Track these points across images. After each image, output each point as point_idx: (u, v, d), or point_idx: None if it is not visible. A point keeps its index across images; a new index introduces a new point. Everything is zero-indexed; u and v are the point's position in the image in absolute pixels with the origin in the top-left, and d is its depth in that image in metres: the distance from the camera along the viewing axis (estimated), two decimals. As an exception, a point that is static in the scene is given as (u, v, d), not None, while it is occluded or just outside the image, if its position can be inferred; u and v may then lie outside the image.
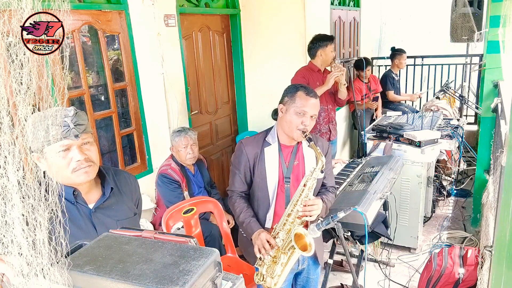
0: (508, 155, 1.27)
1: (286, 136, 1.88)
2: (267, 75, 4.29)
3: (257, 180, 1.89)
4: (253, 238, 1.83)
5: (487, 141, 3.52)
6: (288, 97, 1.85)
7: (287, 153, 1.91)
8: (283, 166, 1.89)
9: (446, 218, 3.87)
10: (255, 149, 1.88)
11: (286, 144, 1.91)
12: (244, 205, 1.90)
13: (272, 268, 1.75)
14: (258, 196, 1.91)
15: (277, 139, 1.90)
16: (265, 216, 1.91)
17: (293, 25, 4.13)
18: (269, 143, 1.89)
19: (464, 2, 4.64)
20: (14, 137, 0.71)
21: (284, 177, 1.88)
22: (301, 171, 1.91)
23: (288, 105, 1.83)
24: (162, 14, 3.14)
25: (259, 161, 1.87)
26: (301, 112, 1.80)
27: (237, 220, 1.94)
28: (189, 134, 2.86)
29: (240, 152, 1.90)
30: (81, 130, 1.24)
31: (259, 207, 1.92)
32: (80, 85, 2.71)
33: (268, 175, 1.87)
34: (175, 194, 2.79)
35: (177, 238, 0.98)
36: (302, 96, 1.81)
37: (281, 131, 1.90)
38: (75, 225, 1.29)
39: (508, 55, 2.94)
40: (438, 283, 2.57)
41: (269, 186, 1.87)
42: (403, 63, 5.37)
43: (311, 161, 1.92)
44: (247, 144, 1.90)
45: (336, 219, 1.76)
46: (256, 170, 1.88)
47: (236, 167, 1.92)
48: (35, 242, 0.73)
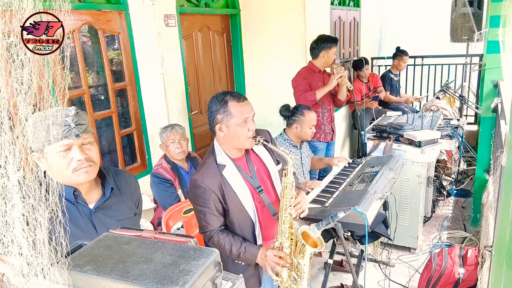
0: (508, 155, 1.28)
1: (236, 149, 1.77)
2: (267, 75, 4.29)
3: (232, 207, 1.75)
4: (260, 261, 1.74)
5: (487, 141, 3.52)
6: (220, 114, 1.69)
7: (243, 164, 1.80)
8: (248, 178, 1.78)
9: (446, 218, 3.87)
10: (215, 179, 1.71)
11: (237, 156, 1.80)
12: (229, 238, 1.75)
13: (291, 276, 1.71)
14: (239, 221, 1.78)
15: (227, 157, 1.76)
16: (253, 235, 1.81)
17: (293, 25, 4.13)
18: (223, 165, 1.74)
19: (464, 2, 4.65)
20: (15, 137, 0.71)
21: (255, 188, 1.79)
22: (264, 172, 1.85)
23: (226, 121, 1.69)
24: (162, 14, 3.14)
25: (225, 189, 1.72)
26: (243, 120, 1.68)
27: (230, 255, 1.78)
28: (176, 129, 2.83)
29: (202, 190, 1.70)
30: (82, 129, 1.24)
31: (243, 229, 1.80)
32: (80, 85, 2.71)
33: (241, 196, 1.74)
34: (168, 194, 2.77)
35: (177, 238, 0.98)
36: (236, 105, 1.68)
37: (227, 147, 1.76)
38: (75, 225, 1.29)
39: (508, 55, 2.94)
40: (438, 283, 2.57)
41: (246, 206, 1.76)
42: (403, 66, 5.35)
43: (266, 157, 1.85)
44: (204, 178, 1.70)
45: (336, 219, 1.76)
46: (227, 198, 1.73)
47: (204, 206, 1.72)
48: (35, 242, 0.73)
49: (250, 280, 1.85)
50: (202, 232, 1.80)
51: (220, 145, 1.77)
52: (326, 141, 3.58)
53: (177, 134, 2.82)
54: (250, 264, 1.79)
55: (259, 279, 1.87)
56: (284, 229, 1.71)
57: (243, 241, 1.77)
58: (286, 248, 1.72)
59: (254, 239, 1.82)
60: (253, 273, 1.84)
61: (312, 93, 3.26)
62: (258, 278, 1.86)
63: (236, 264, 1.83)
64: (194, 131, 3.78)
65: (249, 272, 1.82)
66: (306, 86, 3.33)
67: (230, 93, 1.74)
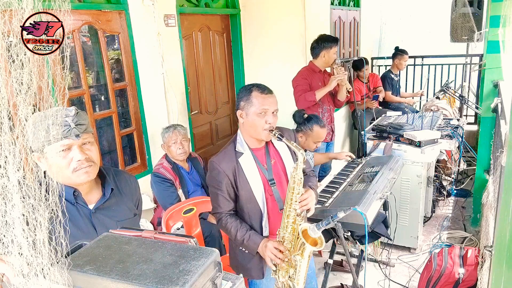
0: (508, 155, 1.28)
1: (254, 139, 1.83)
2: (267, 75, 4.29)
3: (242, 194, 1.81)
4: (260, 251, 1.77)
5: (487, 141, 3.52)
6: (243, 101, 1.78)
7: (261, 156, 1.86)
8: (263, 170, 1.83)
9: (446, 218, 3.87)
10: (230, 163, 1.79)
11: (257, 147, 1.85)
12: (236, 223, 1.81)
13: (289, 272, 1.73)
14: (248, 208, 1.84)
15: (247, 146, 1.83)
16: (260, 225, 1.85)
17: (293, 25, 4.13)
18: (241, 153, 1.81)
19: (464, 2, 4.64)
20: (15, 137, 0.71)
21: (268, 180, 1.83)
22: (281, 167, 1.88)
23: (247, 109, 1.76)
24: (162, 14, 3.14)
25: (238, 175, 1.79)
26: (262, 111, 1.74)
27: (234, 240, 1.84)
28: (178, 129, 2.84)
29: (216, 172, 1.79)
30: (82, 130, 1.24)
31: (251, 218, 1.85)
32: (80, 85, 2.71)
33: (253, 185, 1.80)
34: (168, 193, 2.78)
35: (177, 238, 0.98)
36: (258, 96, 1.75)
37: (247, 136, 1.83)
38: (75, 225, 1.29)
39: (508, 55, 2.94)
40: (438, 283, 2.57)
41: (256, 195, 1.81)
42: (403, 65, 5.35)
43: (286, 155, 1.88)
44: (220, 161, 1.80)
45: (336, 219, 1.76)
46: (238, 184, 1.80)
47: (217, 188, 1.81)
48: (35, 242, 0.73)
49: (254, 270, 1.88)
50: (213, 213, 1.89)
51: (242, 134, 1.85)
52: (326, 141, 3.58)
53: (179, 135, 2.83)
54: (252, 253, 1.82)
55: (262, 270, 1.89)
56: (287, 223, 1.72)
57: (249, 229, 1.81)
58: (287, 243, 1.73)
59: (261, 230, 1.85)
60: (257, 263, 1.86)
61: (311, 93, 3.26)
62: (261, 269, 1.88)
63: (243, 252, 1.87)
64: (194, 131, 3.78)
65: (254, 262, 1.85)
66: (306, 86, 3.33)
67: (258, 84, 1.81)
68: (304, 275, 1.72)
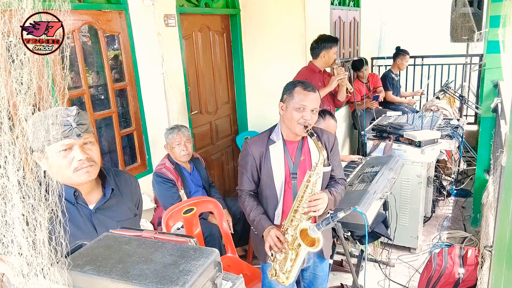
0: (508, 155, 1.27)
1: (290, 132, 1.89)
2: (267, 75, 4.29)
3: (264, 179, 1.90)
4: (264, 234, 1.84)
5: (487, 141, 3.52)
6: (287, 94, 1.87)
7: (293, 149, 1.92)
8: (289, 162, 1.89)
9: (446, 218, 3.87)
10: (260, 148, 1.89)
11: (291, 140, 1.92)
12: (253, 203, 1.92)
13: (283, 263, 1.78)
14: (266, 194, 1.92)
15: (282, 136, 1.91)
16: (273, 213, 1.92)
17: (293, 25, 4.13)
18: (273, 141, 1.90)
19: (464, 2, 4.64)
20: (15, 137, 0.71)
21: (291, 173, 1.89)
22: (308, 166, 1.91)
23: (288, 102, 1.85)
24: (162, 14, 3.14)
25: (265, 160, 1.88)
26: (300, 107, 1.80)
27: (247, 218, 1.95)
28: (182, 131, 2.85)
29: (246, 152, 1.91)
30: (83, 129, 1.23)
31: (268, 204, 1.93)
32: (80, 85, 2.71)
33: (275, 173, 1.88)
34: (170, 193, 2.78)
35: (177, 238, 0.98)
36: (300, 91, 1.82)
37: (285, 127, 1.91)
38: (75, 225, 1.29)
39: (508, 55, 2.93)
40: (438, 283, 2.57)
41: (276, 183, 1.89)
42: (405, 64, 5.37)
43: (317, 156, 1.90)
44: (252, 143, 1.92)
45: (336, 219, 1.76)
46: (262, 168, 1.89)
47: (243, 167, 1.93)
48: (35, 242, 0.73)
49: (261, 254, 1.96)
50: (237, 188, 2.02)
51: (280, 124, 1.94)
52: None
53: (183, 137, 2.83)
54: (259, 235, 1.90)
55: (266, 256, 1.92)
56: (293, 217, 1.76)
57: (263, 212, 1.90)
58: (288, 236, 1.76)
59: (274, 218, 1.92)
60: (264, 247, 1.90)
61: (312, 93, 3.25)
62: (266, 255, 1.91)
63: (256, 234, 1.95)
64: (194, 131, 3.78)
65: (262, 245, 1.89)
66: (306, 87, 3.33)
67: (303, 82, 1.90)
68: (297, 271, 1.77)
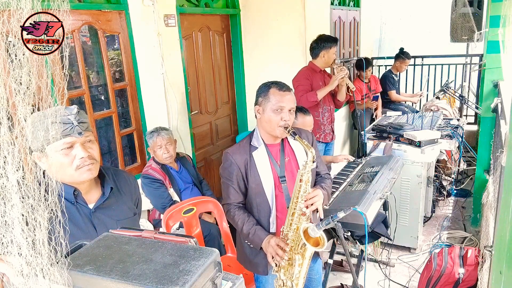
0: (508, 155, 1.27)
1: (270, 135, 1.85)
2: (267, 75, 4.27)
3: (252, 187, 1.83)
4: (264, 246, 1.78)
5: (487, 141, 3.52)
6: (262, 97, 1.82)
7: (276, 152, 1.87)
8: (275, 166, 1.85)
9: (446, 218, 3.87)
10: (243, 156, 1.83)
11: (271, 143, 1.88)
12: (244, 216, 1.84)
13: (290, 271, 1.71)
14: (256, 202, 1.85)
15: (262, 141, 1.86)
16: (268, 221, 1.86)
17: (293, 25, 4.13)
18: (255, 147, 1.84)
19: (464, 2, 4.64)
20: (14, 137, 0.71)
21: (279, 176, 1.84)
22: (294, 166, 1.88)
23: (264, 105, 1.80)
24: (162, 14, 3.14)
25: (250, 168, 1.82)
26: (278, 108, 1.76)
27: (240, 233, 1.86)
28: (162, 135, 2.83)
29: (229, 163, 1.84)
30: (84, 127, 1.25)
31: (260, 213, 1.86)
32: (80, 85, 2.71)
33: (263, 179, 1.82)
34: (159, 193, 2.78)
35: (177, 238, 0.98)
36: (276, 92, 1.78)
37: (263, 131, 1.86)
38: (75, 225, 1.29)
39: (508, 55, 2.93)
40: (438, 283, 2.57)
41: (266, 190, 1.83)
42: (404, 68, 5.40)
43: (301, 154, 1.88)
44: (234, 153, 1.84)
45: (336, 219, 1.76)
46: (249, 177, 1.83)
47: (228, 179, 1.85)
48: (35, 242, 0.73)
49: (260, 266, 1.88)
50: (222, 203, 1.93)
51: (258, 129, 1.89)
52: (326, 142, 3.57)
53: (163, 140, 2.82)
54: (256, 248, 1.82)
55: (267, 267, 1.87)
56: (291, 221, 1.71)
57: (256, 223, 1.83)
58: (290, 241, 1.71)
59: (269, 226, 1.86)
60: (263, 259, 1.84)
61: (313, 93, 3.25)
62: (267, 265, 1.86)
63: (250, 247, 1.87)
64: (194, 131, 3.78)
65: (260, 257, 1.84)
66: (308, 86, 3.33)
67: (277, 82, 1.85)
68: (304, 276, 1.70)
